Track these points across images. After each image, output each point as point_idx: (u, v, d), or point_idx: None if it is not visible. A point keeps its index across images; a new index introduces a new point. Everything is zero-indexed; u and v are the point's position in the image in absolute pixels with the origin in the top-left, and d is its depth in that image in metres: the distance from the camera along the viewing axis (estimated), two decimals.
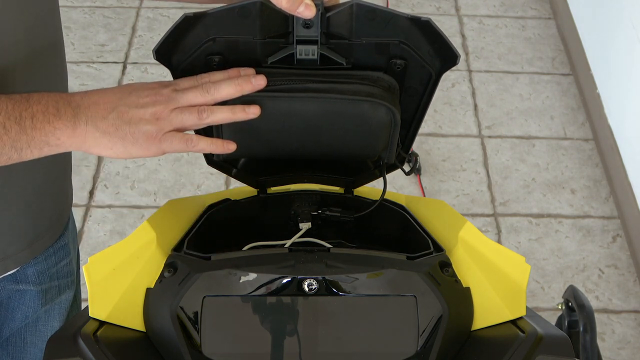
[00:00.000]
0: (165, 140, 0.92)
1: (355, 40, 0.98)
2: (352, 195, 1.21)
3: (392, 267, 0.98)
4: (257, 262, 0.99)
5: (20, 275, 1.12)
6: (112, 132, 0.91)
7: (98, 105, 0.91)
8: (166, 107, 0.92)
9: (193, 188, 2.57)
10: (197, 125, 0.94)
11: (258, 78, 0.95)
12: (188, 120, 0.93)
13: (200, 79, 0.96)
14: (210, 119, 0.94)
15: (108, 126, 0.91)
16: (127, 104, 0.92)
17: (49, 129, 0.90)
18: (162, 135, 0.92)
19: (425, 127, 2.78)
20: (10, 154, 0.91)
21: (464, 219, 1.07)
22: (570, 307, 1.67)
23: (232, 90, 0.94)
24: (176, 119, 0.92)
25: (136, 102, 0.92)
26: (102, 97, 0.92)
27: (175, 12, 3.20)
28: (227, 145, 0.98)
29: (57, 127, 0.90)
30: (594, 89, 2.82)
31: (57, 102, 0.91)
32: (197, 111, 0.93)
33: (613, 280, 2.37)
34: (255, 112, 0.95)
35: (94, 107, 0.91)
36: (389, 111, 1.00)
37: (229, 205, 1.18)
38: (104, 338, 0.92)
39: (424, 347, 0.95)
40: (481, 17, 3.29)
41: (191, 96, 0.93)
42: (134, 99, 0.92)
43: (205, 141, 0.96)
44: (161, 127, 0.92)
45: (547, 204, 2.57)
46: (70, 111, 0.91)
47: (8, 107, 0.89)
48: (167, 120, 0.92)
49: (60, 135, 0.91)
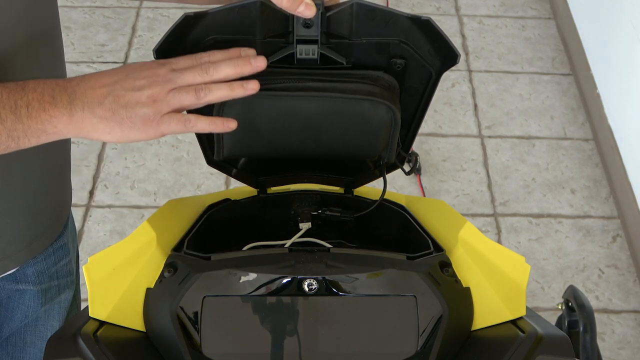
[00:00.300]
0: (164, 122, 0.90)
1: (355, 39, 0.98)
2: (352, 195, 1.21)
3: (392, 267, 0.98)
4: (257, 262, 0.98)
5: (19, 275, 1.12)
6: (109, 117, 0.89)
7: (94, 90, 0.90)
8: (163, 88, 0.90)
9: (193, 188, 2.57)
10: (195, 104, 0.92)
11: (258, 59, 0.93)
12: (186, 100, 0.90)
13: (199, 58, 0.93)
14: (208, 98, 0.91)
15: (105, 111, 0.89)
16: (124, 87, 0.90)
17: (45, 117, 0.89)
18: (160, 118, 0.90)
19: (425, 127, 2.78)
20: (8, 143, 0.90)
21: (464, 219, 1.07)
22: (570, 307, 1.67)
23: (230, 71, 0.92)
24: (173, 99, 0.90)
25: (132, 84, 0.90)
26: (98, 81, 0.90)
27: (175, 12, 3.20)
28: (226, 123, 0.94)
29: (53, 115, 0.89)
30: (594, 89, 2.82)
31: (53, 89, 0.89)
32: (194, 90, 0.91)
33: (613, 280, 2.37)
34: (255, 88, 0.92)
35: (90, 92, 0.89)
36: (389, 110, 1.00)
37: (229, 205, 1.18)
38: (104, 338, 0.92)
39: (424, 347, 0.95)
40: (481, 17, 3.29)
41: (189, 76, 0.91)
42: (130, 82, 0.90)
43: (204, 121, 0.93)
44: (159, 109, 0.90)
45: (547, 204, 2.57)
46: (66, 98, 0.89)
47: (3, 95, 0.88)
48: (165, 101, 0.90)
49: (57, 123, 0.89)
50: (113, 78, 0.91)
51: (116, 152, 2.67)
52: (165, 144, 2.70)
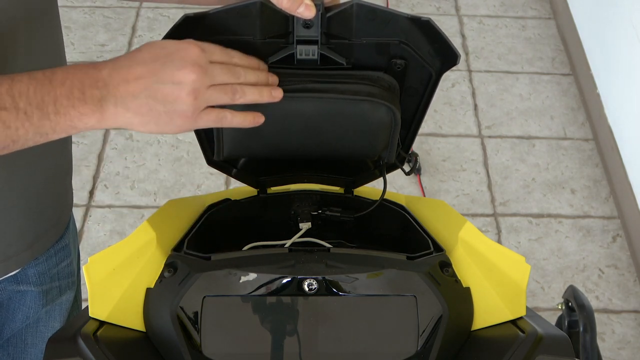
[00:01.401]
0: (201, 118, 0.88)
1: (355, 40, 0.98)
2: (352, 195, 1.21)
3: (392, 267, 0.98)
4: (257, 262, 0.99)
5: (21, 276, 1.12)
6: (144, 113, 0.85)
7: (128, 83, 0.84)
8: (203, 83, 0.86)
9: (193, 188, 2.57)
10: (228, 104, 0.90)
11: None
12: (223, 99, 0.88)
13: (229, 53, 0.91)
14: (241, 100, 0.90)
15: (140, 106, 0.85)
16: (161, 79, 0.85)
17: (74, 114, 0.84)
18: (198, 114, 0.87)
19: (425, 127, 2.78)
20: (36, 139, 0.86)
21: (464, 219, 1.07)
22: (570, 307, 1.67)
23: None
24: (212, 97, 0.87)
25: (171, 77, 0.85)
26: (131, 72, 0.85)
27: (175, 12, 3.20)
28: (257, 118, 0.94)
29: (83, 113, 0.84)
30: (594, 89, 2.82)
31: (83, 82, 0.84)
32: (231, 91, 0.89)
33: (613, 280, 2.37)
34: (278, 96, 0.93)
35: (124, 85, 0.84)
36: (389, 111, 1.00)
37: (229, 205, 1.18)
38: (104, 338, 0.92)
39: (424, 347, 0.95)
40: (481, 17, 3.29)
41: (225, 76, 0.89)
42: (168, 73, 0.85)
43: (238, 117, 0.92)
44: (198, 106, 0.87)
45: (547, 204, 2.57)
46: (97, 93, 0.84)
47: (30, 91, 0.83)
48: (204, 98, 0.87)
49: (88, 121, 0.85)
50: (148, 67, 0.85)
51: (116, 152, 2.67)
52: (165, 144, 2.70)
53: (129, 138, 2.71)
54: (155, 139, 2.71)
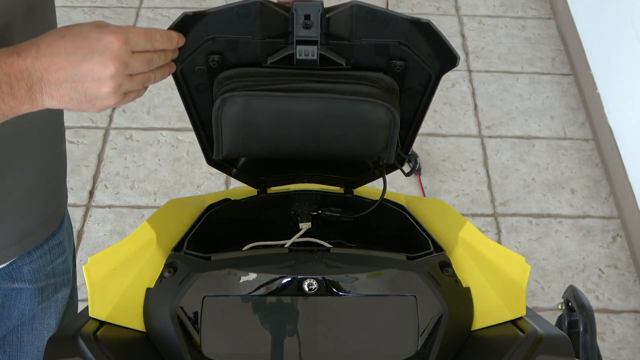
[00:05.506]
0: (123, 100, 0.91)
1: (355, 41, 0.99)
2: (352, 196, 1.21)
3: (392, 267, 0.98)
4: (257, 262, 0.99)
5: (15, 274, 1.12)
6: (67, 101, 0.88)
7: (50, 73, 0.86)
8: (123, 76, 0.89)
9: (193, 188, 2.57)
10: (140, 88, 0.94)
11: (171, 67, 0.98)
12: (138, 86, 0.92)
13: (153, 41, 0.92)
14: (150, 83, 0.94)
15: (63, 95, 0.88)
16: (82, 73, 0.87)
17: (5, 108, 0.87)
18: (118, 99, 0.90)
19: (425, 127, 2.78)
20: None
21: (464, 219, 1.07)
22: (570, 307, 1.67)
23: (159, 78, 0.95)
24: (130, 85, 0.90)
25: (91, 72, 0.87)
26: (54, 62, 0.87)
27: (175, 12, 3.20)
28: (171, 68, 0.98)
29: (13, 106, 0.87)
30: (594, 89, 2.83)
31: (9, 76, 0.86)
32: (146, 79, 0.93)
33: (613, 280, 2.37)
34: (172, 70, 0.99)
35: (47, 75, 0.87)
36: (388, 111, 1.00)
37: (229, 205, 1.18)
38: (104, 338, 0.92)
39: (424, 347, 0.95)
40: (481, 17, 3.29)
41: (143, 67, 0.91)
42: (89, 68, 0.87)
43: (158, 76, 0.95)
44: (118, 95, 0.90)
45: (547, 204, 2.57)
46: (24, 85, 0.86)
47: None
48: (123, 88, 0.90)
49: (20, 110, 0.88)
50: (69, 59, 0.87)
51: (116, 152, 2.67)
52: (165, 144, 2.70)
53: (129, 138, 2.71)
54: (155, 139, 2.71)
